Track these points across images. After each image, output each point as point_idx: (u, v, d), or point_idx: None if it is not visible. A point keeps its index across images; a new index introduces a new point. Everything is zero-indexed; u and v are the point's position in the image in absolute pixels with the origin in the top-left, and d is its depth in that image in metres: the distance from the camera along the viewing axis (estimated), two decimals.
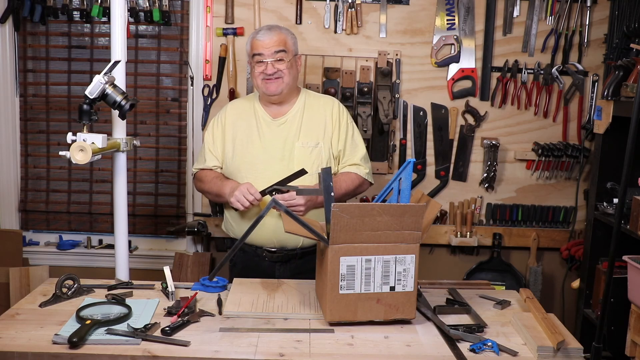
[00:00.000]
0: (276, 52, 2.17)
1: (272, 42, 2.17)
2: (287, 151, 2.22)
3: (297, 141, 2.23)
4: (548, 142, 3.09)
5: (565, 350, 1.58)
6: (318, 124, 2.26)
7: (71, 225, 3.28)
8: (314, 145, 2.23)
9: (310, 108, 2.29)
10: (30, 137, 3.22)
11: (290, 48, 2.22)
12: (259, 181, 2.16)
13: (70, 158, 1.91)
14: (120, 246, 2.25)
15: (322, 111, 2.29)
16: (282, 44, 2.19)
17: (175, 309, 1.74)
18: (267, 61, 2.17)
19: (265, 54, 2.17)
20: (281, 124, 2.26)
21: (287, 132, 2.24)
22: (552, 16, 3.03)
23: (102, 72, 1.98)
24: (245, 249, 2.28)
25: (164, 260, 3.18)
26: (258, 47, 2.18)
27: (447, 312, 1.83)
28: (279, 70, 2.18)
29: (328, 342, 1.61)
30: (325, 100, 2.34)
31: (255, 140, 2.25)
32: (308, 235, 1.70)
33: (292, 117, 2.26)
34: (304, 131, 2.24)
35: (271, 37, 2.18)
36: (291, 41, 2.24)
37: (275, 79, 2.18)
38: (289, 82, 2.21)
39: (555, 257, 3.23)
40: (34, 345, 1.54)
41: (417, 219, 1.66)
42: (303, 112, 2.27)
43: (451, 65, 3.06)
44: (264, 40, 2.18)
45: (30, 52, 3.16)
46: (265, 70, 2.17)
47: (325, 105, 2.30)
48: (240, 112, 2.32)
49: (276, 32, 2.20)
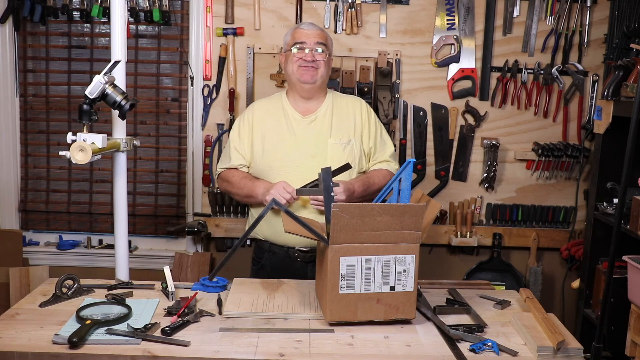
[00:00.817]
0: (318, 42, 2.23)
1: (315, 34, 2.25)
2: (320, 148, 2.24)
3: (330, 138, 2.25)
4: (548, 142, 3.09)
5: (565, 350, 1.58)
6: (348, 122, 2.30)
7: (71, 225, 3.28)
8: (346, 142, 2.26)
9: (339, 106, 2.32)
10: (30, 137, 3.22)
11: (329, 47, 2.29)
12: (291, 178, 2.16)
13: (70, 158, 1.91)
14: (120, 246, 2.25)
15: (351, 109, 2.32)
16: (323, 38, 2.27)
17: (175, 309, 1.74)
18: (307, 48, 2.22)
19: (307, 42, 2.23)
20: (311, 122, 2.28)
21: (318, 130, 2.26)
22: (552, 16, 3.03)
23: (102, 72, 1.98)
24: (275, 251, 2.28)
25: (164, 260, 3.19)
26: (301, 35, 2.25)
27: (447, 312, 1.83)
28: (317, 60, 2.22)
29: (328, 342, 1.61)
30: (352, 99, 2.39)
31: (286, 137, 2.25)
32: (308, 235, 1.71)
33: (322, 114, 2.29)
34: (336, 128, 2.27)
35: (315, 30, 2.27)
36: (330, 42, 2.32)
37: (312, 68, 2.22)
38: (323, 75, 2.25)
39: (555, 257, 3.23)
40: (34, 345, 1.54)
41: (417, 219, 1.66)
42: (332, 110, 2.30)
43: (451, 65, 3.06)
44: (309, 30, 2.26)
45: (30, 52, 3.16)
46: (304, 57, 2.21)
47: (353, 104, 2.34)
48: (267, 110, 2.33)
49: (319, 28, 2.30)
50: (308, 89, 2.26)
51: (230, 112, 3.07)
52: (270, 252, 2.29)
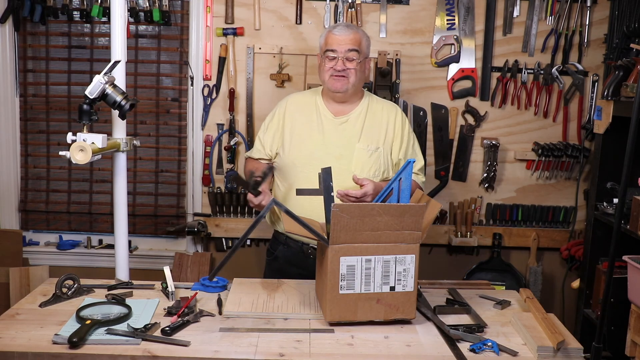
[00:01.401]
0: (349, 50, 2.16)
1: (347, 40, 2.17)
2: (347, 151, 2.20)
3: (359, 142, 2.21)
4: (548, 142, 3.09)
5: (565, 350, 1.59)
6: (380, 129, 2.25)
7: (71, 225, 3.28)
8: (374, 149, 2.22)
9: (373, 111, 2.28)
10: (30, 137, 3.22)
11: (363, 49, 2.21)
12: (312, 178, 2.11)
13: (70, 158, 1.91)
14: (120, 246, 2.25)
15: (386, 116, 2.28)
16: (356, 43, 2.18)
17: (175, 309, 1.74)
18: (338, 57, 2.17)
19: (338, 50, 2.16)
20: (342, 123, 2.24)
21: (349, 132, 2.23)
22: (552, 16, 3.03)
23: (102, 72, 1.98)
24: (291, 244, 2.28)
25: (164, 260, 3.19)
26: (332, 42, 2.18)
27: (447, 312, 1.83)
28: (347, 68, 2.17)
29: (328, 342, 1.61)
30: (388, 106, 2.34)
31: (315, 135, 2.23)
32: (308, 235, 1.71)
33: (355, 117, 2.25)
34: (366, 133, 2.23)
35: (347, 35, 2.18)
36: (365, 43, 2.24)
37: (342, 77, 2.17)
38: (355, 83, 2.20)
39: (555, 257, 3.23)
40: (34, 345, 1.54)
41: (417, 219, 1.66)
42: (366, 115, 2.26)
43: (451, 65, 3.06)
44: (340, 36, 2.18)
45: (30, 52, 3.16)
46: (335, 66, 2.17)
47: (389, 111, 2.30)
48: (301, 105, 2.30)
49: (353, 31, 2.20)
50: (340, 97, 2.23)
51: (230, 112, 3.07)
52: (285, 245, 2.29)
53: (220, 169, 3.14)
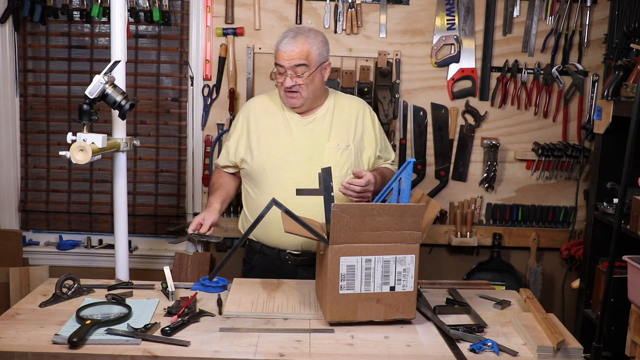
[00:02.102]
0: (296, 66, 2.07)
1: (293, 55, 2.07)
2: (317, 151, 2.16)
3: (328, 142, 2.17)
4: (548, 142, 3.09)
5: (565, 350, 1.59)
6: (349, 126, 2.21)
7: (71, 225, 3.28)
8: (344, 147, 2.18)
9: (340, 109, 2.23)
10: (30, 137, 3.22)
11: (312, 60, 2.09)
12: (284, 181, 2.11)
13: (70, 158, 1.91)
14: (120, 246, 2.25)
15: (354, 112, 2.24)
16: (303, 56, 2.07)
17: (175, 309, 1.74)
18: (286, 74, 2.09)
19: (285, 66, 2.08)
20: (310, 123, 2.19)
21: (317, 132, 2.18)
22: (552, 16, 3.03)
23: (102, 72, 1.98)
24: (266, 252, 2.22)
25: (164, 260, 3.19)
26: (279, 57, 2.10)
27: (447, 312, 1.83)
28: (297, 84, 2.10)
29: (328, 342, 1.61)
30: (356, 102, 2.29)
31: (283, 137, 2.18)
32: (308, 235, 1.70)
33: (322, 116, 2.20)
34: (335, 132, 2.19)
35: (293, 49, 2.07)
36: (316, 52, 2.10)
37: (294, 92, 2.11)
38: (308, 97, 2.13)
39: (555, 257, 3.23)
40: (34, 345, 1.54)
41: (417, 219, 1.66)
42: (333, 112, 2.22)
43: (451, 65, 3.06)
44: (286, 51, 2.07)
45: (30, 52, 3.16)
46: (284, 83, 2.11)
47: (357, 108, 2.26)
48: (265, 108, 2.24)
49: (300, 43, 2.07)
50: (297, 110, 2.18)
51: (230, 112, 3.07)
52: (261, 254, 2.24)
53: None
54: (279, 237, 2.11)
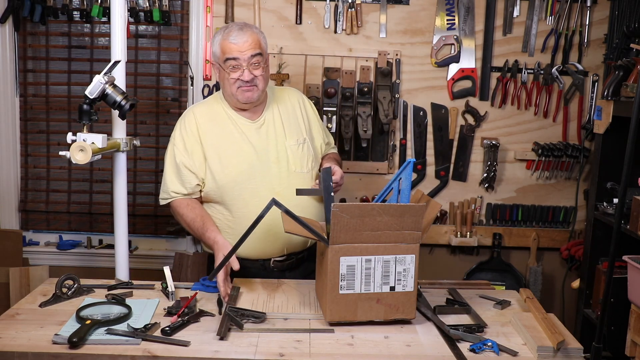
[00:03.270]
0: (252, 56, 1.98)
1: (247, 45, 1.97)
2: (280, 152, 2.09)
3: (286, 140, 2.11)
4: (548, 142, 3.09)
5: (565, 350, 1.59)
6: (296, 119, 2.18)
7: (71, 225, 3.28)
8: (302, 141, 2.14)
9: (282, 103, 2.17)
10: (30, 137, 3.22)
11: (264, 50, 2.03)
12: (260, 189, 2.04)
13: (70, 158, 1.92)
14: (120, 246, 2.25)
15: (296, 103, 2.21)
16: (257, 46, 1.99)
17: (175, 309, 1.74)
18: (243, 67, 1.98)
19: (241, 58, 1.97)
20: (262, 125, 2.11)
21: (272, 133, 2.11)
22: (552, 16, 3.03)
23: (102, 72, 1.98)
24: (249, 265, 2.05)
25: (164, 260, 3.18)
26: (232, 50, 1.97)
27: (447, 312, 1.83)
28: (255, 77, 2.00)
29: (328, 342, 1.61)
30: (290, 92, 2.25)
31: (243, 146, 2.06)
32: (308, 235, 1.70)
33: (270, 116, 2.13)
34: (288, 129, 2.14)
35: (246, 40, 1.98)
36: (264, 41, 2.05)
37: (251, 85, 2.00)
38: (263, 89, 2.06)
39: (555, 257, 3.23)
40: (34, 345, 1.54)
41: (417, 219, 1.66)
42: (279, 109, 2.15)
43: (451, 65, 3.06)
44: (238, 43, 1.97)
45: (30, 52, 3.16)
46: (242, 77, 1.99)
47: (296, 98, 2.22)
48: (210, 118, 2.09)
49: (249, 33, 2.00)
50: (249, 106, 2.08)
51: None
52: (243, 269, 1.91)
53: None
54: (265, 246, 2.09)
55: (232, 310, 1.72)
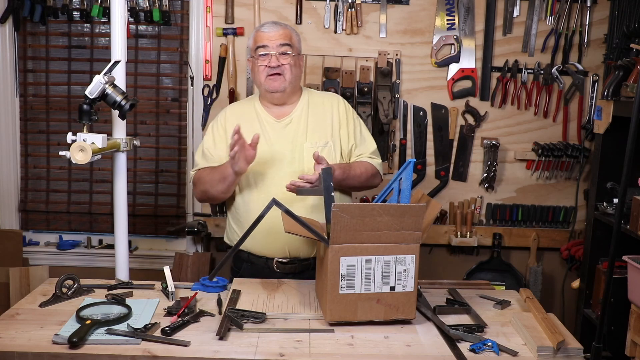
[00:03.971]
0: (281, 44, 2.11)
1: (277, 35, 2.12)
2: (297, 153, 2.14)
3: (306, 142, 2.15)
4: (548, 142, 3.09)
5: (565, 350, 1.59)
6: (325, 123, 2.19)
7: (71, 225, 3.28)
8: (323, 144, 2.15)
9: (315, 106, 2.21)
10: (30, 137, 3.22)
11: (295, 44, 2.16)
12: (268, 186, 2.10)
13: (70, 158, 1.91)
14: (120, 246, 2.25)
15: (328, 108, 2.21)
16: (287, 37, 2.13)
17: (175, 309, 1.74)
18: (271, 54, 2.10)
19: (270, 45, 2.10)
20: (286, 125, 2.18)
21: (294, 133, 2.16)
22: (552, 16, 3.03)
23: (102, 72, 1.98)
24: (254, 261, 2.17)
25: (164, 260, 3.18)
26: (262, 38, 2.12)
27: (447, 312, 1.83)
28: (282, 64, 2.10)
29: (328, 342, 1.61)
30: (329, 97, 2.27)
31: (261, 143, 2.10)
32: (308, 235, 1.70)
33: (297, 117, 2.18)
34: (311, 131, 2.17)
35: (277, 30, 2.13)
36: (296, 38, 2.18)
37: (278, 74, 2.10)
38: (292, 80, 2.13)
39: (555, 257, 3.23)
40: (34, 345, 1.54)
41: (417, 219, 1.66)
42: (308, 111, 2.19)
43: (451, 65, 3.06)
44: (269, 32, 2.12)
45: (30, 52, 3.16)
46: (269, 63, 2.10)
47: (331, 103, 2.23)
48: (241, 114, 2.21)
49: (282, 27, 2.15)
50: (278, 97, 2.16)
51: None
52: (248, 262, 2.19)
53: None
54: (266, 244, 2.11)
55: (232, 311, 1.72)
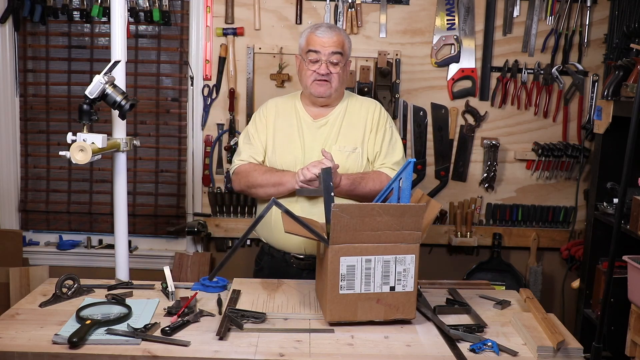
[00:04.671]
0: (333, 52, 2.09)
1: (331, 42, 2.09)
2: None
3: (335, 144, 2.15)
4: (548, 142, 3.09)
5: (565, 350, 1.59)
6: (357, 128, 2.18)
7: (71, 225, 3.28)
8: (351, 150, 2.15)
9: (351, 111, 2.21)
10: (30, 137, 3.22)
11: (346, 52, 2.15)
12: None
13: (70, 158, 1.91)
14: (120, 246, 2.25)
15: (364, 114, 2.21)
16: (340, 45, 2.11)
17: (175, 309, 1.74)
18: (322, 60, 2.10)
19: (322, 52, 2.09)
20: (321, 126, 2.19)
21: (326, 135, 2.17)
22: (552, 16, 3.03)
23: (102, 72, 1.98)
24: (274, 254, 2.23)
25: (164, 260, 3.19)
26: (315, 43, 2.10)
27: (447, 312, 1.83)
28: (331, 72, 2.11)
29: (328, 342, 1.61)
30: (367, 102, 2.26)
31: (295, 140, 2.17)
32: (308, 235, 1.70)
33: (333, 119, 2.19)
34: (343, 135, 2.17)
35: (331, 37, 2.10)
36: (348, 45, 2.17)
37: (325, 81, 2.11)
38: (337, 87, 2.15)
39: (555, 257, 3.23)
40: (34, 345, 1.54)
41: (417, 219, 1.66)
42: (344, 115, 2.20)
43: (451, 65, 3.06)
44: (324, 38, 2.10)
45: (30, 52, 3.16)
46: (318, 70, 2.10)
47: (368, 108, 2.22)
48: (281, 110, 2.23)
49: (336, 32, 2.13)
50: (322, 101, 2.17)
51: (230, 112, 3.07)
52: (269, 255, 2.25)
53: (220, 169, 3.14)
54: (283, 239, 2.12)
55: (232, 311, 1.72)
